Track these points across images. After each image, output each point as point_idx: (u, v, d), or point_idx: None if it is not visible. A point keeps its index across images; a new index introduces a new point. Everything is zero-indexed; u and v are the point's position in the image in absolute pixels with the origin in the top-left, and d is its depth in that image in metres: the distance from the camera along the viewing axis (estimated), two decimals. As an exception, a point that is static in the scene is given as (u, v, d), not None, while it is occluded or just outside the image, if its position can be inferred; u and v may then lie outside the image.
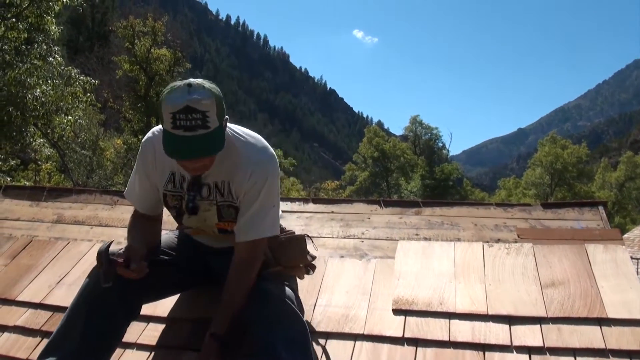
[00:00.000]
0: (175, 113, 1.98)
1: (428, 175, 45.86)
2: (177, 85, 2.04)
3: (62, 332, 2.14)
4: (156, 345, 2.45)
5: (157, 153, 2.29)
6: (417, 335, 2.36)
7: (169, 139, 2.04)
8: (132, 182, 2.44)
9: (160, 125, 2.19)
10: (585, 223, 3.04)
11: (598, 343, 2.20)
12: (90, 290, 2.18)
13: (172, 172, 2.33)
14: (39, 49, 12.80)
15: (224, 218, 2.36)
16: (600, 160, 57.66)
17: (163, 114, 2.01)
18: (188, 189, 2.32)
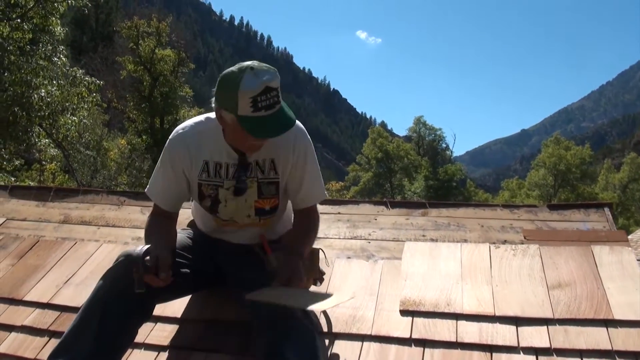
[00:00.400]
0: (256, 96, 2.06)
1: (432, 176, 45.82)
2: (239, 72, 2.09)
3: (75, 333, 2.14)
4: (165, 345, 2.46)
5: (190, 146, 2.37)
6: (425, 336, 2.36)
7: (253, 122, 2.10)
8: (156, 179, 2.47)
9: (187, 122, 2.41)
10: (592, 224, 3.04)
11: (604, 344, 2.20)
12: (105, 291, 2.18)
13: (205, 161, 2.38)
14: (44, 49, 12.83)
15: (263, 195, 2.44)
16: (603, 161, 57.55)
17: (239, 100, 2.07)
18: (236, 172, 2.38)
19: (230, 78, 2.10)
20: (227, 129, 2.26)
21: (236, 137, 2.25)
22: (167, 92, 28.95)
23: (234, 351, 2.40)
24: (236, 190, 2.39)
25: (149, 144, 27.94)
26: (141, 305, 2.25)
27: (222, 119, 2.21)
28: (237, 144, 2.31)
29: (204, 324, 2.57)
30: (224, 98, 2.15)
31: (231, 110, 2.12)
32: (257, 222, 2.50)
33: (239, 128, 2.14)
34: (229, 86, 2.10)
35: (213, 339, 2.48)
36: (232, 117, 2.14)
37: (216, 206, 2.44)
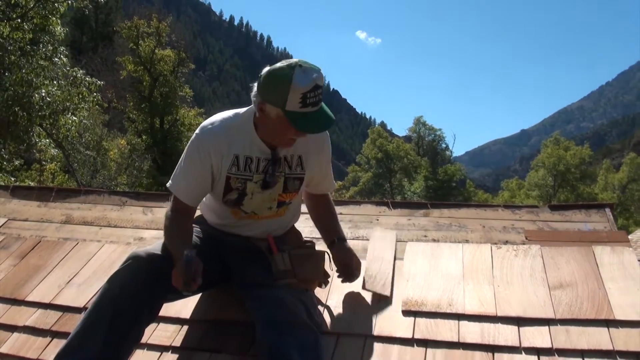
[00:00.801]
0: (306, 93, 2.15)
1: (431, 177, 45.82)
2: (289, 68, 2.17)
3: (82, 335, 2.15)
4: (168, 345, 2.47)
5: (220, 141, 2.39)
6: (427, 336, 2.37)
7: (300, 117, 2.19)
8: (180, 174, 2.45)
9: (215, 118, 2.44)
10: (593, 225, 3.04)
11: (606, 344, 2.20)
12: (114, 293, 2.19)
13: (236, 155, 2.41)
14: (44, 49, 12.83)
15: (288, 190, 2.53)
16: (603, 161, 57.56)
17: (290, 96, 2.15)
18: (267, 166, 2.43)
19: (281, 74, 2.17)
20: (267, 123, 2.30)
21: (277, 131, 2.31)
22: (167, 92, 29.01)
23: (237, 351, 2.40)
24: (264, 184, 2.44)
25: (149, 144, 27.97)
26: (150, 306, 2.27)
27: (264, 112, 2.27)
28: (274, 138, 2.37)
29: (206, 324, 2.58)
30: (271, 92, 2.21)
31: (278, 105, 2.19)
32: (276, 213, 2.57)
33: (284, 122, 2.22)
34: (280, 81, 2.17)
35: (216, 339, 2.49)
36: (278, 112, 2.21)
37: (242, 199, 2.48)
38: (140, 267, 2.21)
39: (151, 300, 2.26)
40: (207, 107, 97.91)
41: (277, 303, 2.24)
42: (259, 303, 2.29)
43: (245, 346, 2.41)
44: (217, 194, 2.49)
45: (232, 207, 2.51)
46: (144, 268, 2.23)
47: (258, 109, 2.29)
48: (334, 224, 2.77)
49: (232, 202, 2.48)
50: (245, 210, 2.51)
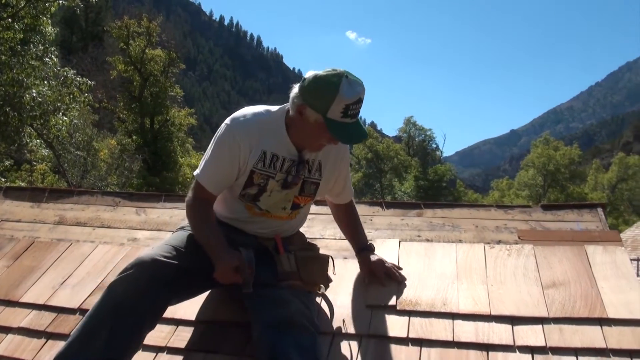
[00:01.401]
0: (349, 105, 2.23)
1: (422, 177, 45.94)
2: (338, 78, 2.23)
3: (83, 340, 2.13)
4: (163, 346, 2.47)
5: (250, 134, 2.41)
6: (421, 335, 2.37)
7: (339, 126, 2.27)
8: (209, 163, 2.46)
9: (246, 111, 2.46)
10: (585, 225, 3.07)
11: (599, 343, 2.22)
12: (116, 303, 2.17)
13: (263, 151, 2.43)
14: (35, 49, 12.78)
15: (304, 192, 2.56)
16: (592, 161, 57.88)
17: (334, 104, 2.22)
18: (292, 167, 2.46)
19: (329, 81, 2.23)
20: (303, 125, 2.35)
21: (311, 135, 2.37)
22: (158, 92, 28.95)
23: (232, 351, 2.40)
24: (285, 183, 2.47)
25: (139, 144, 27.89)
26: (153, 314, 2.27)
27: (303, 115, 2.32)
28: (306, 141, 2.42)
29: (201, 324, 2.57)
30: (315, 98, 2.26)
31: (320, 111, 2.25)
32: (288, 215, 2.59)
33: (321, 128, 2.29)
34: (327, 89, 2.22)
35: (211, 339, 2.49)
36: (318, 117, 2.27)
37: (260, 195, 2.50)
38: (144, 274, 2.20)
39: (154, 309, 2.26)
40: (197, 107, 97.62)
41: (277, 303, 2.25)
42: (260, 302, 2.30)
43: (240, 346, 2.41)
44: (237, 187, 2.50)
45: (248, 202, 2.52)
46: (149, 276, 2.21)
47: (297, 111, 2.33)
48: (359, 233, 2.83)
49: (250, 197, 2.50)
50: (261, 207, 2.52)
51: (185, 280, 2.35)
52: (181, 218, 3.45)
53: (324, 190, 2.66)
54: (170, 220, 3.49)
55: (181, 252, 2.36)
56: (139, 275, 2.20)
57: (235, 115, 2.47)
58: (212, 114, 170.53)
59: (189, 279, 2.39)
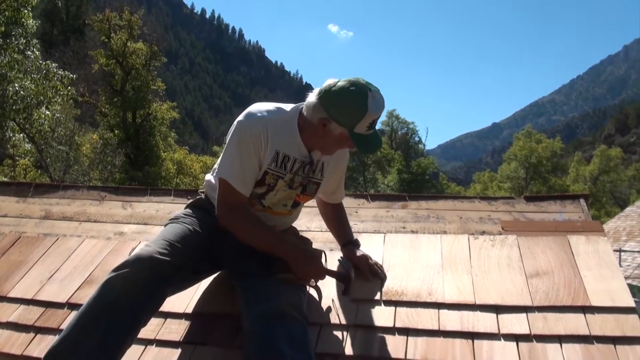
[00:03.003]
0: (376, 119, 2.30)
1: (405, 170, 46.07)
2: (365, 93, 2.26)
3: (77, 336, 2.10)
4: (152, 339, 2.48)
5: (269, 133, 2.40)
6: (408, 325, 2.41)
7: (363, 139, 2.33)
8: (235, 164, 2.41)
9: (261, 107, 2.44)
10: (568, 215, 3.11)
11: (582, 330, 2.27)
12: (114, 299, 2.14)
13: (277, 151, 2.43)
14: (17, 42, 12.64)
15: (306, 192, 2.60)
16: (574, 154, 58.33)
17: (362, 120, 2.27)
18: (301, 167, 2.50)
19: (356, 99, 2.26)
20: (325, 136, 2.38)
21: (331, 145, 2.44)
22: (139, 85, 28.76)
23: (221, 343, 2.42)
24: (291, 183, 2.50)
25: (122, 139, 27.73)
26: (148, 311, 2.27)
27: (327, 128, 2.34)
28: (323, 149, 2.47)
29: (190, 317, 2.59)
30: (343, 114, 2.29)
31: (346, 126, 2.30)
32: (287, 211, 2.64)
33: (344, 140, 2.36)
34: (356, 106, 2.26)
35: (200, 331, 2.51)
36: (344, 131, 2.32)
37: (267, 194, 2.52)
38: (142, 272, 2.19)
39: (151, 307, 2.26)
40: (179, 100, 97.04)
41: (268, 294, 2.27)
42: (251, 293, 2.31)
43: (229, 338, 2.43)
44: None
45: (252, 199, 2.52)
46: (146, 274, 2.20)
47: (320, 123, 2.35)
48: (345, 229, 2.87)
49: (257, 195, 2.51)
50: (264, 204, 2.54)
51: (181, 276, 2.36)
52: (167, 212, 3.46)
53: (322, 189, 2.69)
54: (156, 214, 3.49)
55: (177, 248, 2.34)
56: (136, 273, 2.18)
57: (250, 111, 2.44)
58: (194, 108, 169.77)
59: (184, 275, 2.40)
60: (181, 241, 2.40)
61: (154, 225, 3.35)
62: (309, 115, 2.38)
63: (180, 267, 2.32)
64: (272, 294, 2.27)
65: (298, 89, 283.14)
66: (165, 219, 2.93)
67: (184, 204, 2.88)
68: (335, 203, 2.88)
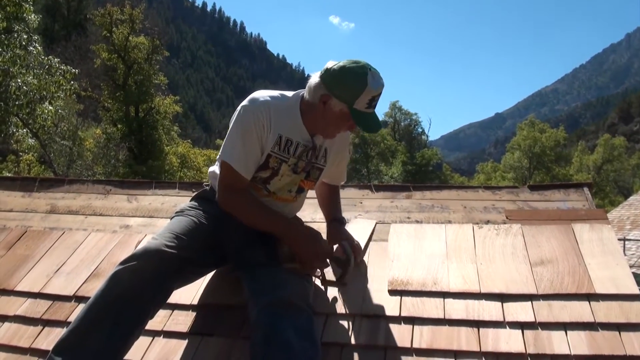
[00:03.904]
0: (374, 96, 2.35)
1: (409, 161, 46.07)
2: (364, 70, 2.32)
3: (85, 329, 2.12)
4: (159, 330, 2.49)
5: (272, 116, 2.45)
6: (413, 314, 2.42)
7: (362, 117, 2.38)
8: (236, 145, 2.45)
9: (264, 93, 2.49)
10: (572, 204, 3.12)
11: (587, 317, 2.28)
12: (122, 292, 2.16)
13: (279, 135, 2.47)
14: (19, 38, 12.64)
15: (309, 177, 2.64)
16: (577, 143, 58.20)
17: (362, 96, 2.32)
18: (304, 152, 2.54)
19: (356, 74, 2.32)
20: (325, 114, 2.41)
21: (332, 124, 2.45)
22: (142, 80, 28.75)
23: (228, 334, 2.44)
24: (295, 168, 2.53)
25: (125, 133, 27.75)
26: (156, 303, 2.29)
27: (327, 105, 2.39)
28: (324, 129, 2.50)
29: (197, 308, 2.60)
30: (342, 89, 2.34)
31: (347, 101, 2.34)
32: (292, 198, 2.66)
33: (345, 118, 2.39)
34: (355, 81, 2.31)
35: (207, 322, 2.52)
36: (344, 107, 2.36)
37: (271, 179, 2.55)
38: (149, 265, 2.20)
39: (158, 299, 2.28)
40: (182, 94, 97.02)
41: (274, 285, 2.27)
42: (257, 284, 2.32)
43: (236, 329, 2.45)
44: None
45: (258, 183, 2.56)
46: (153, 267, 2.22)
47: (320, 100, 2.39)
48: (335, 207, 2.90)
49: (261, 180, 2.54)
50: (269, 189, 2.57)
51: (188, 268, 2.38)
52: (172, 204, 3.47)
53: (325, 175, 2.72)
54: (161, 207, 3.51)
55: (184, 241, 2.36)
56: (144, 266, 2.19)
57: (253, 96, 2.49)
58: (196, 101, 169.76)
59: (191, 268, 2.42)
60: (187, 233, 2.41)
61: (160, 218, 3.36)
62: (310, 96, 2.44)
63: (187, 259, 2.34)
64: (278, 284, 2.28)
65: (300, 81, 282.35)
66: (171, 212, 2.95)
67: (189, 196, 2.90)
68: (335, 185, 2.93)
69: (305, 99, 2.47)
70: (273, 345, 2.11)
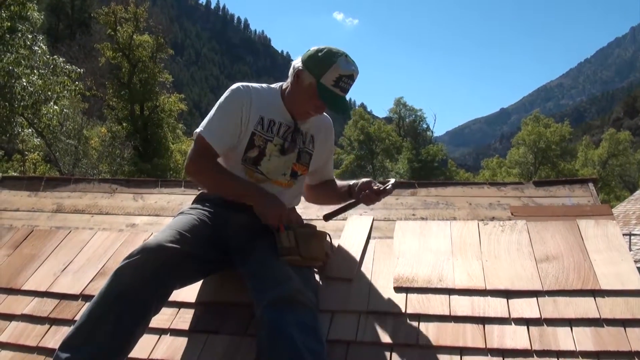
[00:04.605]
0: (343, 76, 2.48)
1: (414, 157, 46.01)
2: (338, 52, 2.51)
3: (90, 326, 2.14)
4: (166, 328, 2.50)
5: (253, 98, 2.61)
6: (419, 310, 2.43)
7: (327, 93, 2.51)
8: (213, 121, 2.60)
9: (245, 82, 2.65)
10: (576, 199, 3.12)
11: (593, 313, 2.28)
12: (124, 288, 2.19)
13: (261, 116, 2.61)
14: (23, 38, 12.66)
15: (300, 160, 2.74)
16: (582, 138, 58.03)
17: (328, 72, 2.47)
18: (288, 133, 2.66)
19: (330, 52, 2.50)
20: (297, 89, 2.58)
21: (301, 99, 2.59)
22: (147, 78, 28.80)
23: (234, 332, 2.45)
24: (282, 148, 2.65)
25: (130, 131, 27.81)
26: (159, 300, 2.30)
27: (299, 78, 2.56)
28: (296, 105, 2.64)
29: (203, 306, 2.61)
30: (314, 63, 2.51)
31: (315, 75, 2.50)
32: (287, 182, 2.74)
33: (312, 92, 2.53)
34: (327, 57, 2.49)
35: (213, 320, 2.53)
36: (312, 81, 2.51)
37: (260, 159, 2.62)
38: (150, 261, 2.22)
39: (160, 295, 2.30)
40: (186, 92, 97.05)
41: (277, 281, 2.28)
42: (259, 281, 2.34)
43: (242, 326, 2.46)
44: (239, 151, 2.62)
45: (249, 166, 2.62)
46: (154, 262, 2.23)
47: (295, 74, 2.56)
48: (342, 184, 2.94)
49: (251, 160, 2.62)
50: (262, 170, 2.63)
51: (189, 264, 2.39)
52: (178, 203, 3.48)
53: (315, 163, 2.82)
54: (167, 206, 3.51)
55: (185, 237, 2.38)
56: (145, 262, 2.22)
57: (237, 84, 2.66)
58: (201, 99, 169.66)
59: (193, 264, 2.43)
60: (189, 230, 2.44)
61: (166, 216, 3.36)
62: (290, 78, 2.62)
63: (189, 254, 2.36)
64: (280, 280, 2.29)
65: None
66: (177, 210, 2.97)
67: (195, 194, 2.90)
68: (330, 178, 3.02)
69: (286, 84, 2.68)
70: (277, 342, 2.12)
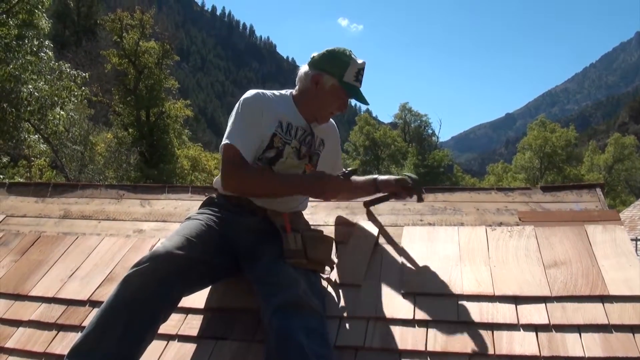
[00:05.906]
0: (360, 69, 2.65)
1: (420, 163, 45.98)
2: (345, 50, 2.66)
3: (98, 333, 2.14)
4: (174, 334, 2.50)
5: (270, 103, 2.68)
6: (427, 316, 2.42)
7: (352, 88, 2.66)
8: (237, 130, 2.59)
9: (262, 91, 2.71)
10: (584, 205, 3.10)
11: (601, 319, 2.27)
12: (132, 295, 2.19)
13: (279, 120, 2.66)
14: (30, 44, 12.72)
15: (312, 162, 2.80)
16: (588, 143, 57.94)
17: (348, 69, 2.62)
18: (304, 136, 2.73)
19: (340, 52, 2.65)
20: (318, 93, 2.68)
21: (325, 102, 2.69)
22: (152, 84, 28.90)
23: (242, 337, 2.44)
24: (298, 153, 2.72)
25: (136, 137, 27.89)
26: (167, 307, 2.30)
27: (319, 83, 2.66)
28: (319, 109, 2.72)
29: (211, 312, 2.61)
30: (332, 64, 2.64)
31: (336, 75, 2.62)
32: None
33: (336, 92, 2.66)
34: (341, 57, 2.63)
35: (220, 326, 2.52)
36: (335, 82, 2.63)
37: (277, 159, 2.65)
38: (158, 268, 2.22)
39: (168, 302, 2.29)
40: (192, 98, 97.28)
41: (284, 286, 2.28)
42: (265, 286, 2.34)
43: (250, 332, 2.45)
44: (257, 151, 2.64)
45: (263, 164, 2.64)
46: (163, 270, 2.24)
47: (312, 81, 2.66)
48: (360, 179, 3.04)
49: (267, 160, 2.64)
50: (275, 170, 2.66)
51: (198, 271, 2.40)
52: (185, 209, 3.48)
53: (324, 162, 2.87)
54: (174, 211, 3.52)
55: (194, 243, 2.38)
56: (154, 270, 2.22)
57: (248, 92, 2.70)
58: (206, 105, 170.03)
59: (202, 270, 2.43)
60: (196, 236, 2.44)
61: (173, 222, 3.37)
62: (301, 84, 2.73)
63: (197, 260, 2.37)
64: (286, 285, 2.29)
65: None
66: (184, 216, 2.97)
67: (202, 200, 2.91)
68: None
69: (296, 91, 2.76)
70: (284, 347, 2.12)
